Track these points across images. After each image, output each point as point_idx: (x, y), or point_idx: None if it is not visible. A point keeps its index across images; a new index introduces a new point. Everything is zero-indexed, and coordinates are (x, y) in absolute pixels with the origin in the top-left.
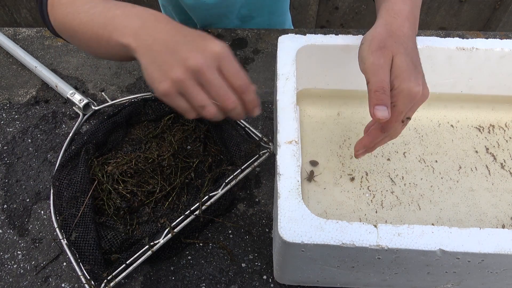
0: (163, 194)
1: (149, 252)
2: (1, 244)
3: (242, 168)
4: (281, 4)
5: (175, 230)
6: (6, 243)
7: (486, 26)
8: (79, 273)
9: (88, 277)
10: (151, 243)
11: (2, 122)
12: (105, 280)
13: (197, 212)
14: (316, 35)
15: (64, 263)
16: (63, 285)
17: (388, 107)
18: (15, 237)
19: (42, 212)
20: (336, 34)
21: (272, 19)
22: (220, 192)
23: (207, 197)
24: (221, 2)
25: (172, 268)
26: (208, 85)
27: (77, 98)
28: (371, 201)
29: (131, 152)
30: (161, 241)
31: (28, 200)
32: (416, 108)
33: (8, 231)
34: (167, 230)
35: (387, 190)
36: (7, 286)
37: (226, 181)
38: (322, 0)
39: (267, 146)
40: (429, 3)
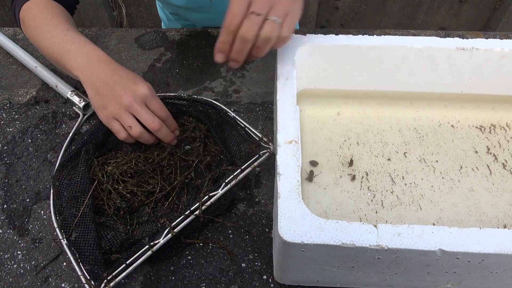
0: (163, 194)
1: (149, 252)
2: (1, 244)
3: (242, 168)
4: None
5: (175, 230)
6: (6, 243)
7: (486, 26)
8: (79, 273)
9: (88, 277)
10: (151, 243)
11: (2, 122)
12: (105, 280)
13: (197, 212)
14: (316, 35)
15: (64, 263)
16: (63, 285)
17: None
18: (15, 237)
19: (42, 212)
20: (336, 34)
21: None
22: (220, 192)
23: (207, 197)
24: (221, 2)
25: (172, 268)
26: (138, 114)
27: (77, 98)
28: (371, 201)
29: (131, 152)
30: (161, 241)
31: (28, 200)
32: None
33: (8, 231)
34: (167, 230)
35: (387, 190)
36: (7, 286)
37: (226, 181)
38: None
39: (267, 146)
40: (429, 3)
